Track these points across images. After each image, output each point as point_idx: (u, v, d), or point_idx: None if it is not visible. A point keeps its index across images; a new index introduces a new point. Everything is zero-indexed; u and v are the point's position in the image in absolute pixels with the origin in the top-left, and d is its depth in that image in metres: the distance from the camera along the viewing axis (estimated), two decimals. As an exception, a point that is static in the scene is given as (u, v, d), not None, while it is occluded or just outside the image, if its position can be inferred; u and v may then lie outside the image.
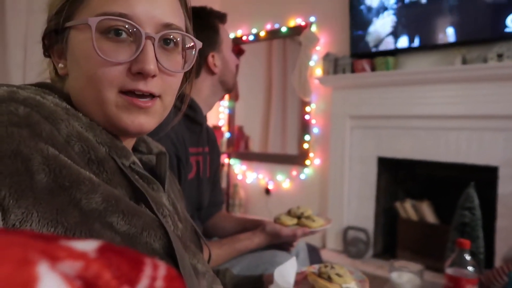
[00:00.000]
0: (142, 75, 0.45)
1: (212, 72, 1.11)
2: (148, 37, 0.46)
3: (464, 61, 2.36)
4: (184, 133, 1.03)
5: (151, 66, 0.45)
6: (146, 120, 0.48)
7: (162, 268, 0.23)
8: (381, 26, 2.66)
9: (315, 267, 0.91)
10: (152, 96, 0.48)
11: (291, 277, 0.76)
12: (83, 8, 0.46)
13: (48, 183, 0.38)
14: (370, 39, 2.72)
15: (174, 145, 0.96)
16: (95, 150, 0.45)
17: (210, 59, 1.10)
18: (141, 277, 0.22)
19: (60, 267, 0.19)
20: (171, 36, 0.49)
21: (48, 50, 0.50)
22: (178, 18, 0.50)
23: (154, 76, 0.46)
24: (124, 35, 0.45)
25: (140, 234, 0.44)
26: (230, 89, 1.19)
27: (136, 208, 0.46)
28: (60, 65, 0.48)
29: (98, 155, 0.45)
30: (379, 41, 2.68)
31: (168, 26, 0.48)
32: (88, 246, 0.21)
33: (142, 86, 0.46)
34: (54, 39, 0.48)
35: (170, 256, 0.46)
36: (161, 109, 0.50)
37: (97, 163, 0.45)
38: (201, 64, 1.09)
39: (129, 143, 0.54)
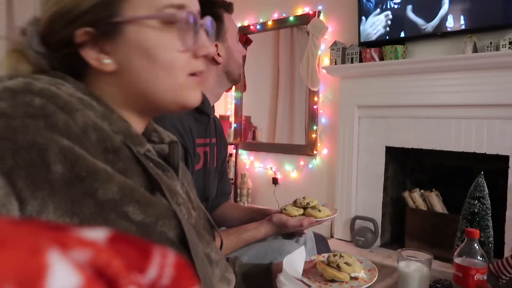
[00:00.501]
0: (203, 57, 0.52)
1: (216, 62, 1.10)
2: (201, 25, 0.52)
3: (475, 49, 2.31)
4: (191, 123, 1.03)
5: (211, 49, 0.53)
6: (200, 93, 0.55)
7: (171, 256, 0.23)
8: (390, 14, 2.62)
9: (324, 256, 0.92)
10: None
11: (299, 266, 0.77)
12: (132, 2, 0.46)
13: (64, 174, 0.38)
14: (378, 27, 2.68)
15: (181, 135, 0.96)
16: (111, 139, 0.46)
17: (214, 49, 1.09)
18: (150, 265, 0.22)
19: (71, 255, 0.19)
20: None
21: (73, 47, 0.47)
22: None
23: None
24: (186, 24, 0.49)
25: (155, 223, 0.44)
26: (236, 80, 1.18)
27: (151, 197, 0.46)
28: (106, 60, 0.47)
29: (113, 144, 0.46)
30: (388, 30, 2.64)
31: (199, 13, 0.53)
32: (98, 234, 0.22)
33: (202, 66, 0.53)
34: (93, 35, 0.46)
35: (184, 245, 0.46)
36: None
37: (113, 152, 0.45)
38: None
39: (140, 131, 0.55)
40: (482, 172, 1.26)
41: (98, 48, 0.47)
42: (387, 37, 2.64)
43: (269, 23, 3.40)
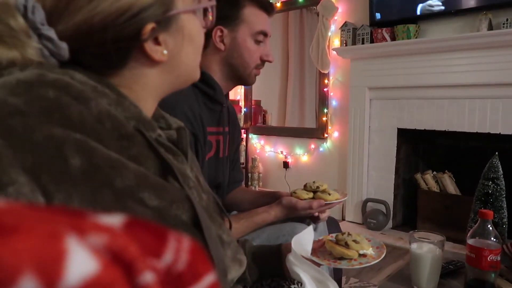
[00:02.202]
0: None
1: (217, 49, 1.05)
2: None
3: (491, 26, 2.25)
4: (202, 112, 1.01)
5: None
6: None
7: (186, 241, 0.23)
8: (402, -8, 2.55)
9: (332, 236, 0.92)
10: None
11: (308, 245, 0.77)
12: None
13: (83, 166, 0.40)
14: (390, 6, 2.62)
15: (190, 122, 0.95)
16: (124, 126, 0.47)
17: (216, 32, 1.03)
18: (166, 250, 0.22)
19: (88, 240, 0.20)
20: None
21: (134, 41, 0.48)
22: None
23: None
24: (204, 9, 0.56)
25: (169, 207, 0.46)
26: (242, 78, 1.10)
27: (164, 182, 0.47)
28: (165, 51, 0.50)
29: (127, 130, 0.47)
30: (400, 8, 2.58)
31: None
32: (114, 220, 0.22)
33: None
34: (153, 29, 0.48)
35: (197, 227, 0.48)
36: None
37: (127, 138, 0.46)
38: (208, 34, 1.01)
39: (150, 117, 0.55)
40: (496, 153, 1.24)
41: (154, 41, 0.49)
42: (399, 17, 2.58)
43: (278, 4, 3.35)
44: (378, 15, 2.68)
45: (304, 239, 0.76)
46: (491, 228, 0.89)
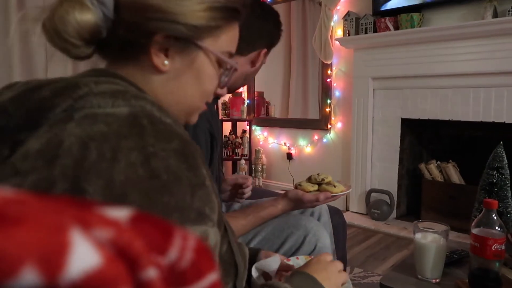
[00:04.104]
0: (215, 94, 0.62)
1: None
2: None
3: (496, 14, 2.22)
4: (213, 109, 1.02)
5: (225, 93, 0.65)
6: None
7: (192, 239, 0.23)
8: (406, -20, 2.52)
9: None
10: None
11: (273, 267, 0.78)
12: (213, 37, 0.54)
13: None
14: (394, -6, 2.59)
15: (209, 121, 0.95)
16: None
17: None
18: (171, 247, 0.22)
19: (93, 233, 0.20)
20: None
21: (143, 41, 0.50)
22: None
23: None
24: (226, 70, 0.58)
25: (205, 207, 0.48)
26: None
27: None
28: (166, 62, 0.52)
29: None
30: (403, -3, 2.54)
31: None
32: (121, 213, 0.22)
33: (210, 100, 0.62)
34: (169, 39, 0.50)
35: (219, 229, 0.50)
36: None
37: None
38: None
39: None
40: (501, 142, 1.23)
41: (164, 50, 0.51)
42: (403, 5, 2.55)
43: (280, -5, 3.31)
44: (381, 4, 2.65)
45: (268, 265, 0.76)
46: (495, 217, 0.89)
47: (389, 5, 2.62)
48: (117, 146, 0.38)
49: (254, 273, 0.74)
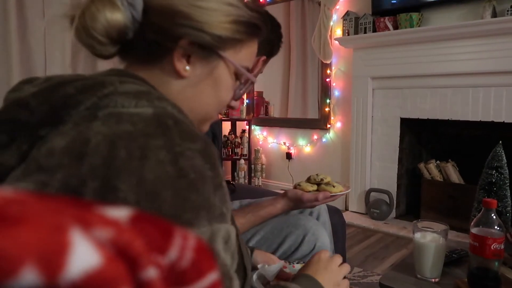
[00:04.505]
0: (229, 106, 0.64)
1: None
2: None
3: (495, 14, 2.22)
4: None
5: (237, 105, 0.67)
6: None
7: (192, 239, 0.23)
8: (405, -20, 2.52)
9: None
10: None
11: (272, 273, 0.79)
12: (234, 49, 0.55)
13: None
14: (393, -6, 2.59)
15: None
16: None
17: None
18: (171, 246, 0.22)
19: (93, 233, 0.20)
20: None
21: (168, 45, 0.51)
22: None
23: None
24: (243, 83, 0.61)
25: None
26: None
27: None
28: (187, 67, 0.53)
29: None
30: (403, -4, 2.54)
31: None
32: (121, 213, 0.22)
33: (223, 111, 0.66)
34: (193, 46, 0.52)
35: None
36: None
37: None
38: None
39: None
40: (500, 141, 1.24)
41: (186, 56, 0.53)
42: (402, 5, 2.55)
43: (279, -6, 3.31)
44: (380, 4, 2.65)
45: (271, 271, 0.78)
46: (494, 217, 0.89)
47: (387, 5, 2.62)
48: (145, 145, 0.39)
49: (254, 276, 0.75)
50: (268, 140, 3.63)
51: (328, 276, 0.66)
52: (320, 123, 3.24)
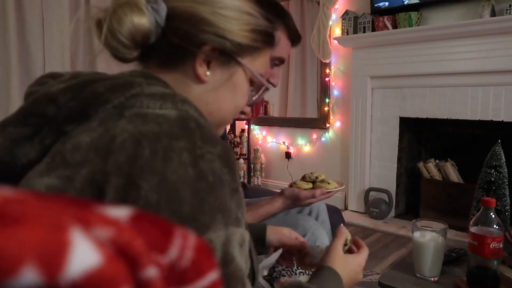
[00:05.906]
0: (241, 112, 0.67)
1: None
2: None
3: (493, 13, 2.22)
4: None
5: (249, 111, 0.69)
6: None
7: (192, 238, 0.23)
8: (404, -21, 2.52)
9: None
10: None
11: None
12: (252, 57, 0.57)
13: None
14: (392, -7, 2.59)
15: None
16: None
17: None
18: (171, 245, 0.22)
19: (93, 232, 0.20)
20: None
21: (192, 50, 0.53)
22: None
23: None
24: (256, 89, 0.64)
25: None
26: None
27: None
28: (207, 72, 0.55)
29: None
30: (402, -4, 2.55)
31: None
32: (121, 212, 0.22)
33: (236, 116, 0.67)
34: (213, 51, 0.54)
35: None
36: None
37: None
38: None
39: None
40: (499, 140, 1.24)
41: (207, 61, 0.55)
42: (401, 4, 2.55)
43: (278, -6, 3.31)
44: (379, 3, 2.65)
45: (266, 261, 0.81)
46: (493, 215, 0.89)
47: (387, 4, 2.62)
48: (169, 145, 0.40)
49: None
50: (267, 140, 3.63)
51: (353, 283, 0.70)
52: (319, 123, 3.24)
